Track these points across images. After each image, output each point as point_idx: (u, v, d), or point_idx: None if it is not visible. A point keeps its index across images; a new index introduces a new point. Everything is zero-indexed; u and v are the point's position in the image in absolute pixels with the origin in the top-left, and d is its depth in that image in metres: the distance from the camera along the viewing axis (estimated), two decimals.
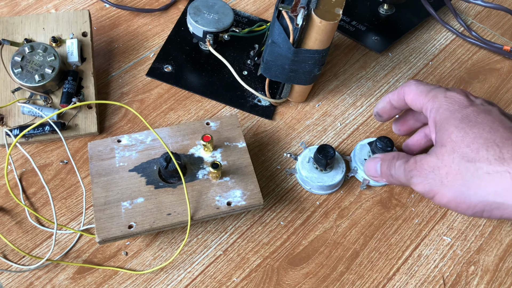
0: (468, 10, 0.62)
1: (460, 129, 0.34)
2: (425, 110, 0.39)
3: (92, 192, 0.40)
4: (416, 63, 0.57)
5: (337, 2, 0.43)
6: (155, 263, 0.42)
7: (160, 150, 0.43)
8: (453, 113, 0.35)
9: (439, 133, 0.36)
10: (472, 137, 0.34)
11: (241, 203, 0.41)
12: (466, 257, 0.43)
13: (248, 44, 0.56)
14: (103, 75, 0.54)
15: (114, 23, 0.59)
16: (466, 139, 0.34)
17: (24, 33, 0.51)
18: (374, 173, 0.41)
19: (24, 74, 0.47)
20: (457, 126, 0.35)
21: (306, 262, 0.42)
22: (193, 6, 0.51)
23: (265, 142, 0.50)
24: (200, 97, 0.52)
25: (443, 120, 0.36)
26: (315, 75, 0.48)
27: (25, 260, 0.41)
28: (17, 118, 0.48)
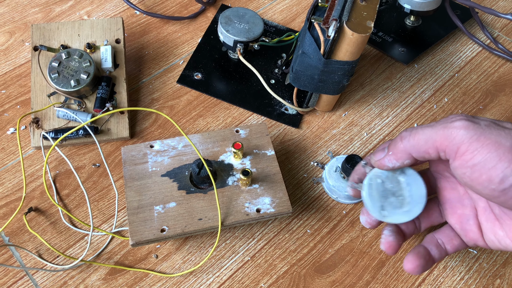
0: (494, 23, 0.62)
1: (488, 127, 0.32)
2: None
3: (126, 196, 0.42)
4: (442, 75, 0.57)
5: (368, 15, 0.43)
6: (184, 266, 0.43)
7: (191, 156, 0.44)
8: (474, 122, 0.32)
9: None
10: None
11: (270, 210, 0.42)
12: (492, 270, 0.43)
13: (276, 53, 0.57)
14: (134, 81, 0.55)
15: (144, 30, 0.60)
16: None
17: (60, 39, 0.52)
18: (380, 154, 0.35)
19: (61, 79, 0.48)
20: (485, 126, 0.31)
21: (333, 270, 0.43)
22: (224, 16, 0.52)
23: (291, 150, 0.50)
24: (228, 105, 0.53)
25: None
26: (343, 86, 0.48)
27: (59, 260, 0.42)
28: (52, 122, 0.49)
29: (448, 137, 0.30)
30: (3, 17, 0.60)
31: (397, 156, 0.34)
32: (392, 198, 0.36)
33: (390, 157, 0.35)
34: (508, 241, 0.34)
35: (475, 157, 0.29)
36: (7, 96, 0.53)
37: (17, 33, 0.59)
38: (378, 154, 0.36)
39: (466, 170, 0.30)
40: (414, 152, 0.33)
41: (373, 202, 0.36)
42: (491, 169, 0.29)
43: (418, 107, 0.54)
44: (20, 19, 0.60)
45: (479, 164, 0.29)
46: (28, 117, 0.50)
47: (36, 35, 0.52)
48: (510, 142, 0.29)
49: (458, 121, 0.30)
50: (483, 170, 0.29)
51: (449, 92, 0.56)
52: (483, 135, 0.29)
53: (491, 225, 0.35)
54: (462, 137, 0.30)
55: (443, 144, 0.31)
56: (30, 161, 0.48)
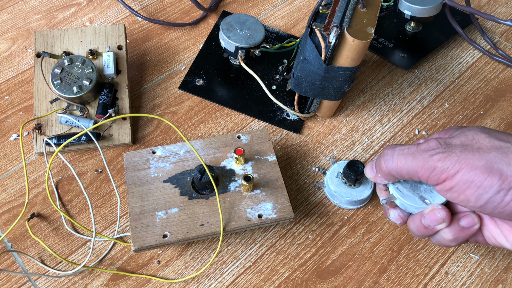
0: (494, 29, 0.63)
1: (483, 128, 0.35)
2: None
3: (128, 202, 0.42)
4: (443, 81, 0.57)
5: (369, 22, 0.44)
6: (186, 272, 0.43)
7: (193, 161, 0.44)
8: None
9: (459, 129, 0.35)
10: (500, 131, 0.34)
11: (272, 216, 0.42)
12: (494, 275, 0.43)
13: (277, 59, 0.57)
14: (136, 87, 0.55)
15: (146, 36, 0.60)
16: (494, 131, 0.35)
17: (63, 45, 0.53)
18: (371, 173, 0.39)
19: (63, 85, 0.48)
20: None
21: (335, 275, 0.43)
22: (226, 22, 0.52)
23: (293, 155, 0.51)
24: (230, 111, 0.54)
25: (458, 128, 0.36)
26: (344, 91, 0.49)
27: (61, 266, 0.43)
28: (54, 128, 0.49)
29: (428, 169, 0.34)
30: (6, 23, 0.61)
31: (384, 177, 0.38)
32: (422, 185, 0.38)
33: (380, 177, 0.38)
34: (504, 240, 0.36)
35: (452, 181, 0.33)
36: (10, 102, 0.53)
37: (20, 40, 0.59)
38: (368, 171, 0.40)
39: (446, 192, 0.34)
40: (398, 175, 0.36)
41: (413, 201, 0.38)
42: (466, 190, 0.33)
43: (419, 113, 0.54)
44: (23, 25, 0.60)
45: (456, 186, 0.33)
46: (31, 123, 0.51)
47: (39, 41, 0.53)
48: (482, 162, 0.32)
49: (436, 154, 0.34)
50: (460, 191, 0.33)
51: (450, 97, 0.56)
52: (458, 161, 0.33)
53: (487, 221, 0.37)
54: (441, 169, 0.33)
55: (425, 175, 0.34)
56: (32, 167, 0.48)
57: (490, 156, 0.32)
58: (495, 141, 0.33)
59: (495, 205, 0.32)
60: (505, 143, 0.33)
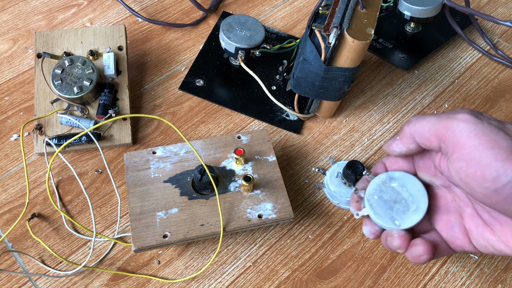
0: (494, 29, 0.63)
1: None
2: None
3: (129, 202, 0.42)
4: (442, 81, 0.57)
5: (369, 22, 0.44)
6: (186, 272, 0.43)
7: (193, 162, 0.45)
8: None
9: None
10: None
11: (272, 216, 0.42)
12: (493, 275, 0.44)
13: (277, 60, 0.57)
14: (136, 87, 0.55)
15: (146, 37, 0.61)
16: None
17: (63, 46, 0.53)
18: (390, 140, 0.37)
19: (64, 86, 0.49)
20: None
21: (334, 275, 0.43)
22: (226, 23, 0.52)
23: (293, 156, 0.51)
24: (230, 111, 0.54)
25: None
26: (344, 92, 0.49)
27: (62, 266, 0.43)
28: (55, 128, 0.49)
29: (449, 127, 0.31)
30: (6, 24, 0.61)
31: (403, 140, 0.35)
32: (396, 205, 0.37)
33: (397, 142, 0.36)
34: (503, 246, 0.33)
35: (472, 152, 0.30)
36: (11, 102, 0.53)
37: (21, 40, 0.59)
38: (388, 141, 0.37)
39: (462, 164, 0.30)
40: (418, 137, 0.34)
41: (383, 219, 0.37)
42: (486, 166, 0.29)
43: (418, 113, 0.54)
44: (24, 26, 0.61)
45: (475, 159, 0.29)
46: (32, 124, 0.51)
47: (39, 42, 0.53)
48: (508, 143, 0.29)
49: (462, 113, 0.31)
50: (478, 166, 0.29)
51: (450, 98, 0.56)
52: (482, 131, 0.29)
53: (481, 231, 0.35)
54: (462, 130, 0.30)
55: (444, 135, 0.31)
56: (33, 167, 0.48)
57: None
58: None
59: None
60: None
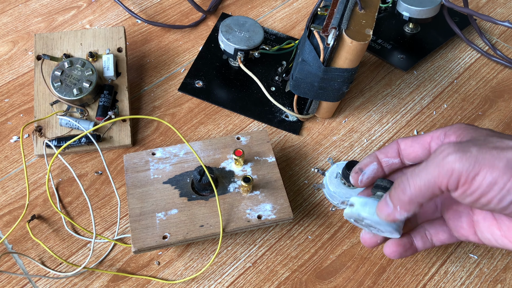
0: (493, 30, 0.63)
1: (491, 132, 0.33)
2: (437, 136, 0.35)
3: (128, 203, 0.42)
4: (441, 81, 0.58)
5: (367, 23, 0.44)
6: (186, 273, 0.43)
7: (193, 163, 0.45)
8: (477, 127, 0.34)
9: (467, 135, 0.33)
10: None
11: (271, 216, 0.42)
12: (493, 275, 0.44)
13: (276, 61, 0.57)
14: (136, 89, 0.56)
15: (145, 38, 0.61)
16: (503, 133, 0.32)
17: (63, 48, 0.53)
18: (387, 210, 0.34)
19: (63, 87, 0.49)
20: (487, 131, 0.33)
21: (334, 276, 0.43)
22: (225, 24, 0.53)
23: (292, 156, 0.51)
24: (229, 112, 0.54)
25: (469, 128, 0.33)
26: (343, 93, 0.49)
27: (61, 267, 0.43)
28: (55, 130, 0.50)
29: (445, 174, 0.31)
30: (6, 26, 0.61)
31: (406, 208, 0.34)
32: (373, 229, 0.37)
33: (400, 212, 0.34)
34: (506, 241, 0.34)
35: (473, 185, 0.30)
36: (10, 104, 0.53)
37: (20, 43, 0.59)
38: (383, 209, 0.35)
39: (466, 197, 0.31)
40: (420, 199, 0.33)
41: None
42: (489, 193, 0.30)
43: (417, 113, 0.55)
44: (23, 28, 0.61)
45: (478, 190, 0.30)
46: (31, 126, 0.51)
47: (39, 44, 0.53)
48: (503, 162, 0.29)
49: (450, 155, 0.31)
50: (482, 194, 0.30)
51: (448, 98, 0.56)
52: (476, 162, 0.30)
53: (488, 224, 0.35)
54: (459, 171, 0.30)
55: (443, 182, 0.31)
56: (33, 169, 0.48)
57: (509, 154, 0.29)
58: (507, 141, 0.31)
59: None
60: None
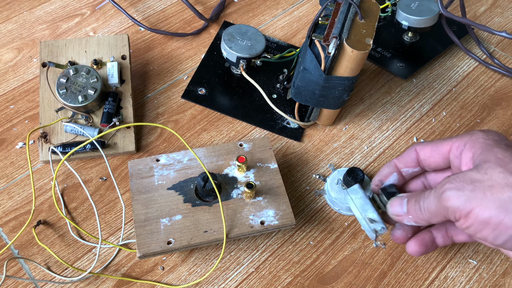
0: (490, 38, 0.64)
1: (507, 150, 0.32)
2: (456, 146, 0.36)
3: (133, 209, 0.42)
4: (440, 89, 0.59)
5: (367, 32, 0.45)
6: (190, 278, 0.43)
7: (197, 169, 0.45)
8: (496, 142, 0.34)
9: (481, 155, 0.33)
10: None
11: (274, 222, 0.43)
12: (492, 280, 0.44)
13: (278, 69, 0.58)
14: (139, 96, 0.56)
15: (149, 46, 0.62)
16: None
17: (68, 55, 0.54)
18: (399, 211, 0.37)
19: (68, 94, 0.49)
20: (504, 148, 0.33)
21: (335, 281, 0.44)
22: (227, 33, 0.54)
23: (294, 163, 0.52)
24: (232, 119, 0.55)
25: (486, 146, 0.33)
26: (344, 100, 0.50)
27: (67, 272, 0.43)
28: (60, 136, 0.50)
29: (444, 209, 0.33)
30: (11, 33, 0.62)
31: (416, 220, 0.36)
32: None
33: (409, 218, 0.37)
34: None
35: (467, 221, 0.32)
36: (16, 111, 0.54)
37: (25, 50, 0.60)
38: (396, 208, 0.38)
39: (465, 229, 0.33)
40: (433, 221, 0.35)
41: None
42: (483, 230, 0.32)
43: (417, 121, 0.56)
44: (28, 35, 0.62)
45: (472, 225, 0.32)
46: (37, 132, 0.52)
47: (44, 51, 0.54)
48: (496, 204, 0.30)
49: (446, 192, 0.33)
50: (477, 230, 0.32)
51: (447, 106, 0.57)
52: (468, 201, 0.31)
53: None
54: (453, 208, 0.32)
55: (444, 215, 0.34)
56: (38, 175, 0.49)
57: (503, 197, 0.30)
58: (511, 178, 0.31)
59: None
60: None
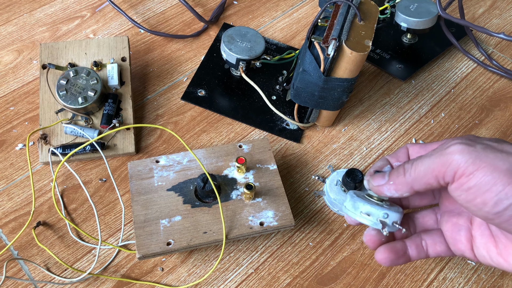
0: (488, 40, 0.64)
1: (484, 149, 0.31)
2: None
3: (133, 210, 0.43)
4: (439, 91, 0.59)
5: (366, 34, 0.45)
6: (189, 279, 0.44)
7: (196, 170, 0.45)
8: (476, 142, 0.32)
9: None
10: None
11: (273, 223, 0.43)
12: (491, 281, 0.44)
13: (277, 70, 0.58)
14: (139, 97, 0.57)
15: (148, 48, 0.62)
16: None
17: (68, 57, 0.54)
18: (380, 181, 0.35)
19: (68, 96, 0.50)
20: (483, 147, 0.31)
21: (335, 282, 0.44)
22: (227, 35, 0.54)
23: (293, 164, 0.52)
24: (231, 120, 0.55)
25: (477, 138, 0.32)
26: (343, 102, 0.50)
27: (67, 273, 0.43)
28: (59, 138, 0.50)
29: (444, 163, 0.30)
30: (11, 35, 0.62)
31: (397, 187, 0.34)
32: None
33: (390, 187, 0.34)
34: (501, 260, 0.34)
35: (470, 181, 0.30)
36: (16, 112, 0.54)
37: (25, 52, 0.60)
38: (377, 179, 0.35)
39: (461, 192, 0.31)
40: (416, 185, 0.33)
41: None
42: (486, 192, 0.29)
43: (416, 122, 0.56)
44: (28, 37, 0.62)
45: (474, 187, 0.29)
46: (36, 133, 0.52)
47: (44, 53, 0.54)
48: (506, 165, 0.28)
49: (453, 145, 0.30)
50: (478, 193, 0.30)
51: (446, 107, 0.57)
52: (478, 158, 0.29)
53: (485, 241, 0.35)
54: (457, 162, 0.30)
55: (441, 172, 0.31)
56: (38, 176, 0.49)
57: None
58: None
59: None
60: None
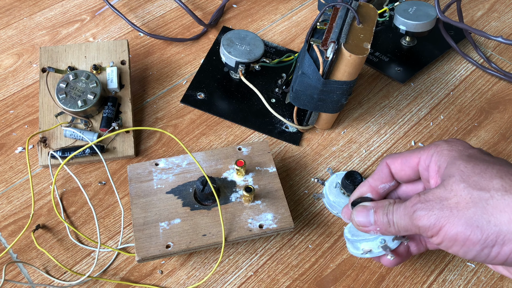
0: (487, 43, 0.64)
1: (469, 162, 0.33)
2: (424, 159, 0.36)
3: (132, 213, 0.43)
4: (438, 93, 0.59)
5: (365, 37, 0.45)
6: (189, 282, 0.44)
7: (195, 173, 0.46)
8: (460, 152, 0.34)
9: (446, 169, 0.34)
10: (483, 167, 0.32)
11: (273, 226, 0.43)
12: (490, 283, 0.44)
13: (276, 73, 0.58)
14: (139, 101, 0.57)
15: (148, 51, 0.62)
16: (476, 169, 0.32)
17: (67, 61, 0.54)
18: (365, 223, 0.37)
19: (68, 99, 0.50)
20: (466, 160, 0.33)
21: (334, 284, 0.44)
22: (226, 38, 0.54)
23: (292, 167, 0.52)
24: (230, 123, 0.55)
25: (450, 158, 0.34)
26: (342, 104, 0.50)
27: (66, 276, 0.43)
28: (59, 141, 0.50)
29: (416, 228, 0.34)
30: (11, 39, 0.62)
31: (384, 233, 0.37)
32: None
33: (376, 230, 0.37)
34: (500, 268, 0.36)
35: (438, 238, 0.33)
36: (15, 116, 0.54)
37: (25, 55, 0.60)
38: (360, 217, 0.37)
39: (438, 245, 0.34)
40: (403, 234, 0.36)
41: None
42: (453, 246, 0.32)
43: (415, 125, 0.56)
44: (28, 41, 0.62)
45: (443, 242, 0.33)
46: (36, 137, 0.52)
47: (44, 57, 0.54)
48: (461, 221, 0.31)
49: (416, 212, 0.33)
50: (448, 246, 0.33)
51: (445, 109, 0.57)
52: (437, 220, 0.32)
53: None
54: (424, 228, 0.33)
55: (417, 232, 0.34)
56: (37, 180, 0.49)
57: (468, 213, 0.31)
58: (474, 192, 0.31)
59: (484, 259, 0.32)
60: (485, 192, 0.31)
